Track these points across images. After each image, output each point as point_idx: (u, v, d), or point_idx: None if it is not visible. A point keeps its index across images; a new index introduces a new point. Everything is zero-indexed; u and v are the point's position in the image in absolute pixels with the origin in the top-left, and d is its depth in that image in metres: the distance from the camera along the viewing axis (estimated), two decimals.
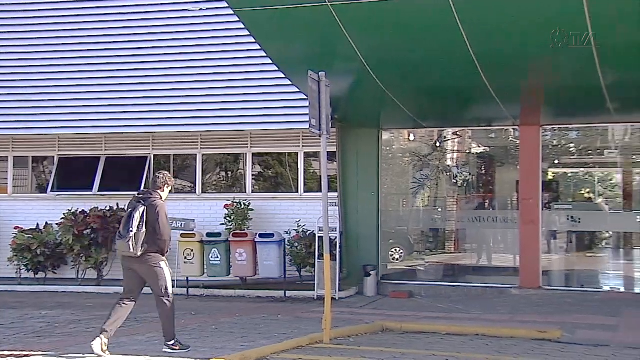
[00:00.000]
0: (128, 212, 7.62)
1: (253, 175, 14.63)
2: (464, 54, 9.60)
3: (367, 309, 11.22)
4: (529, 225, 12.30)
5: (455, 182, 15.87)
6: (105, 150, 15.07)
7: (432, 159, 15.42)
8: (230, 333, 8.93)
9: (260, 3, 9.72)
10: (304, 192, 13.98)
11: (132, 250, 7.45)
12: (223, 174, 15.54)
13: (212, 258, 12.89)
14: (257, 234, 12.81)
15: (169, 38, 14.09)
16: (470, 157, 16.00)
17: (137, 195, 7.84)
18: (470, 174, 16.12)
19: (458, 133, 15.09)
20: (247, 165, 14.54)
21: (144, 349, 7.96)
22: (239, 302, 12.17)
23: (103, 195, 14.64)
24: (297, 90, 12.01)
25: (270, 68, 11.82)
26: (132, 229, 7.41)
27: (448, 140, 15.43)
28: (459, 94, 11.24)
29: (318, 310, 9.75)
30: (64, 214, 14.07)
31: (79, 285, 13.83)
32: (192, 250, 12.91)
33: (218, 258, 12.86)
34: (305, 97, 9.74)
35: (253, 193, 14.29)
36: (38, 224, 14.44)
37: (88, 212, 14.07)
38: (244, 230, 13.09)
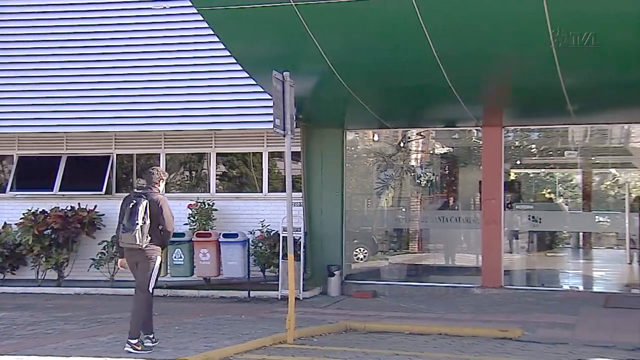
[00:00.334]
0: (130, 206, 7.77)
1: (217, 175, 14.56)
2: (428, 55, 9.67)
3: (331, 309, 11.24)
4: (491, 225, 12.42)
5: (419, 182, 15.99)
6: (67, 150, 14.85)
7: (396, 159, 15.50)
8: (193, 334, 8.87)
9: (224, 2, 9.67)
10: (268, 192, 13.94)
11: (138, 242, 7.65)
12: (187, 174, 15.44)
13: (175, 258, 12.80)
14: (221, 234, 12.76)
15: (132, 36, 13.93)
16: (434, 157, 16.13)
17: (136, 191, 8.14)
18: (434, 174, 16.25)
19: (422, 133, 15.20)
20: (211, 165, 14.47)
21: (105, 351, 7.88)
22: (203, 302, 12.11)
23: (64, 195, 14.43)
24: (261, 90, 11.98)
25: (235, 67, 11.76)
26: (137, 222, 7.63)
27: (412, 141, 15.53)
28: (423, 95, 11.32)
29: (282, 311, 9.74)
30: (24, 214, 13.85)
31: (39, 286, 13.61)
32: None
33: (181, 258, 12.77)
34: (270, 97, 9.72)
35: (217, 193, 14.21)
36: None
37: (48, 212, 13.86)
38: (208, 230, 13.02)
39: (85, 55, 14.08)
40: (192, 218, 13.39)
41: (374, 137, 15.16)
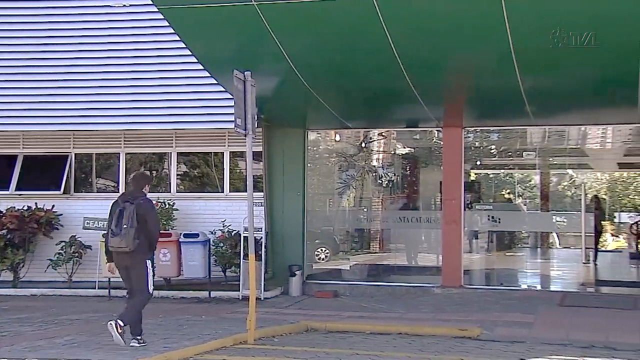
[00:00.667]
0: (117, 211, 8.02)
1: (178, 175, 14.46)
2: (389, 56, 9.72)
3: (292, 309, 11.23)
4: (452, 225, 12.53)
5: (381, 182, 16.08)
6: (24, 149, 14.60)
7: (358, 160, 15.57)
8: (153, 334, 8.77)
9: (185, 1, 9.61)
10: (230, 192, 13.89)
11: (126, 246, 7.88)
12: (147, 173, 15.25)
13: None
14: (181, 234, 12.68)
15: (91, 34, 13.76)
16: (396, 157, 16.23)
17: (123, 196, 8.35)
18: (395, 175, 16.37)
19: (383, 134, 15.29)
20: (172, 165, 14.36)
21: (62, 352, 7.76)
22: (163, 303, 11.98)
23: (21, 195, 14.20)
24: (223, 90, 11.92)
25: (196, 67, 11.69)
26: (125, 226, 7.87)
27: (374, 141, 15.61)
28: (384, 95, 11.37)
29: (243, 311, 9.70)
30: None
31: None
32: None
33: None
34: (232, 96, 9.67)
35: (178, 193, 14.11)
36: None
37: (4, 212, 13.62)
38: (169, 230, 12.89)
39: (43, 53, 13.87)
40: None
41: (336, 137, 15.20)
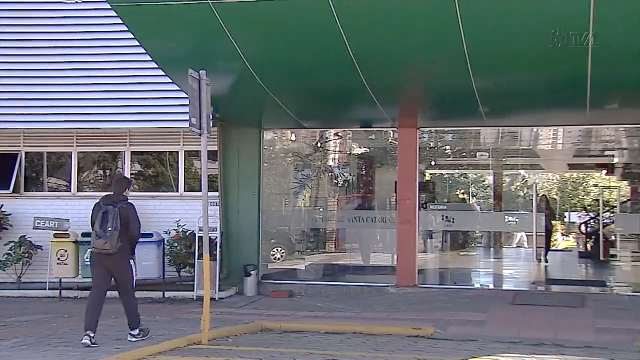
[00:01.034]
0: (100, 213, 8.32)
1: (132, 174, 14.27)
2: (344, 56, 9.76)
3: (247, 309, 11.19)
4: (406, 225, 12.62)
5: (337, 182, 16.13)
6: None
7: (314, 160, 15.59)
8: (105, 336, 8.67)
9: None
10: (185, 191, 13.78)
11: (109, 248, 8.19)
12: (101, 173, 15.08)
13: (87, 259, 12.41)
14: None
15: (44, 31, 13.45)
16: (351, 158, 16.30)
17: (105, 199, 8.56)
18: (351, 175, 16.43)
19: (339, 134, 15.34)
20: (126, 164, 14.17)
21: (10, 356, 7.62)
22: (116, 304, 11.72)
23: None
24: (178, 89, 11.81)
25: (151, 65, 11.57)
26: (110, 228, 8.19)
27: (330, 141, 15.65)
28: (340, 96, 11.41)
29: (197, 311, 9.63)
30: None
31: None
32: (66, 251, 12.48)
33: None
34: (187, 95, 9.60)
35: (132, 192, 13.84)
36: None
37: None
38: None
39: None
40: None
41: (292, 137, 15.20)
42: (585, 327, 9.35)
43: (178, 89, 11.77)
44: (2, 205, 13.57)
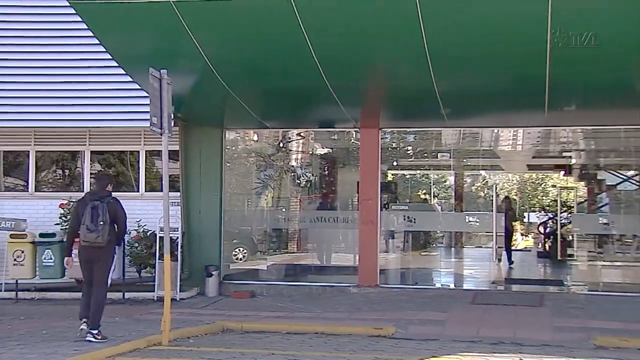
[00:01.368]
0: (88, 208, 8.47)
1: (92, 174, 14.09)
2: (306, 56, 9.76)
3: (208, 310, 11.13)
4: (368, 225, 12.67)
5: (299, 182, 16.13)
6: None
7: (276, 160, 15.56)
8: (64, 338, 8.55)
9: None
10: (146, 191, 13.66)
11: (101, 241, 8.42)
12: (60, 172, 14.86)
13: (45, 259, 12.30)
14: None
15: (1, 27, 13.26)
16: (314, 158, 16.31)
17: (90, 195, 8.82)
18: (314, 175, 16.45)
19: (302, 134, 15.34)
20: (85, 163, 13.99)
21: None
22: (75, 304, 11.55)
23: None
24: (138, 87, 11.69)
25: (111, 63, 11.43)
26: (101, 222, 8.42)
27: (292, 141, 15.64)
28: (302, 96, 11.41)
29: (158, 312, 9.54)
30: None
31: None
32: (22, 252, 12.26)
33: (52, 259, 12.28)
34: (147, 94, 9.51)
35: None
36: None
37: None
38: None
39: None
40: (64, 218, 12.90)
41: (255, 136, 15.16)
42: (543, 325, 9.50)
43: (139, 88, 11.65)
44: None
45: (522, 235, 26.14)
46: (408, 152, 17.19)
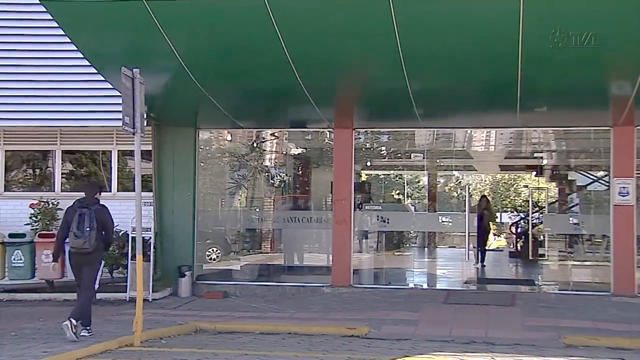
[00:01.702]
0: (76, 215, 8.73)
1: (63, 174, 13.96)
2: (280, 56, 9.74)
3: (181, 310, 11.07)
4: (342, 225, 12.68)
5: (273, 182, 16.10)
6: None
7: (250, 159, 15.52)
8: (32, 339, 8.46)
9: None
10: (118, 191, 13.55)
11: (88, 247, 8.64)
12: (30, 172, 14.69)
13: (14, 260, 12.20)
14: None
15: None
16: (288, 158, 16.29)
17: (80, 201, 8.95)
18: (287, 175, 16.42)
19: (276, 134, 15.31)
20: (56, 163, 13.84)
21: None
22: (44, 306, 11.54)
23: None
24: (110, 86, 11.58)
25: (83, 62, 11.31)
26: (88, 229, 8.66)
27: (266, 141, 15.61)
28: (276, 96, 11.37)
29: (130, 313, 9.50)
30: None
31: None
32: None
33: (21, 260, 12.17)
34: (120, 94, 9.43)
35: (63, 192, 13.61)
36: None
37: None
38: (52, 231, 12.43)
39: None
40: (34, 218, 12.79)
41: (228, 136, 15.10)
42: (514, 324, 9.58)
43: (111, 87, 11.55)
44: None
45: (494, 235, 26.35)
46: (382, 152, 17.24)
